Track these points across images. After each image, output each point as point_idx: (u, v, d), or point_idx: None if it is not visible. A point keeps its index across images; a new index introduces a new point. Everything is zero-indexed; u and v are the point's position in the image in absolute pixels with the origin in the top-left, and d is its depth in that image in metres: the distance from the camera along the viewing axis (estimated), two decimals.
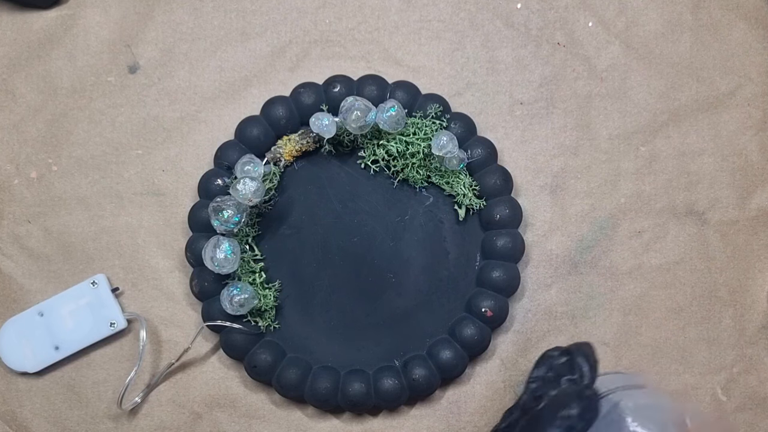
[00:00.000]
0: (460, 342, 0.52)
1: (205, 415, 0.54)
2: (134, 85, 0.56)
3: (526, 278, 0.54)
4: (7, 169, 0.55)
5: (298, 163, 0.54)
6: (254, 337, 0.52)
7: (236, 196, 0.49)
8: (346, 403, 0.51)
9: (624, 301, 0.54)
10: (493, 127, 0.55)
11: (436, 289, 0.53)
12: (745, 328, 0.54)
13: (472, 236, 0.54)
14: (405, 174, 0.53)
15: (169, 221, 0.55)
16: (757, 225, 0.55)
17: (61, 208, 0.55)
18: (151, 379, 0.54)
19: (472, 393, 0.54)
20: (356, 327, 0.53)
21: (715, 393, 0.54)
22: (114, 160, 0.55)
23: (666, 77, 0.56)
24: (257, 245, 0.53)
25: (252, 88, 0.56)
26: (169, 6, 0.56)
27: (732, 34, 0.56)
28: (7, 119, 0.55)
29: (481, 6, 0.56)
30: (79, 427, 0.54)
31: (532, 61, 0.56)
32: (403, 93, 0.53)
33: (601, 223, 0.55)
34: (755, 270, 0.55)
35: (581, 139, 0.55)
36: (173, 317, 0.54)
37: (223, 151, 0.53)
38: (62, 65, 0.56)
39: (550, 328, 0.54)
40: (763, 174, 0.55)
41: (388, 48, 0.56)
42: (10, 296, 0.54)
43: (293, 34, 0.56)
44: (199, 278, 0.52)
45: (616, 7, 0.56)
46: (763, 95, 0.56)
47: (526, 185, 0.55)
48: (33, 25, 0.56)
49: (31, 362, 0.53)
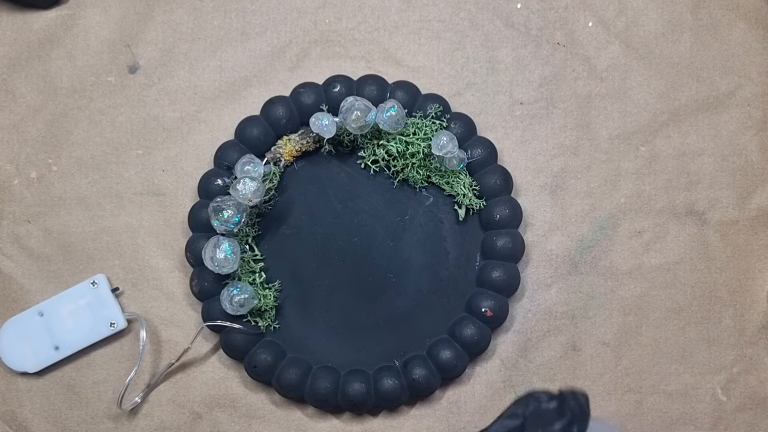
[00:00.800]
0: (460, 342, 0.52)
1: (205, 415, 0.54)
2: (134, 85, 0.56)
3: (526, 278, 0.54)
4: (7, 169, 0.55)
5: (298, 163, 0.54)
6: (254, 337, 0.52)
7: (236, 196, 0.49)
8: (346, 403, 0.51)
9: (624, 301, 0.54)
10: (493, 127, 0.55)
11: (436, 289, 0.53)
12: (745, 328, 0.54)
13: (472, 236, 0.54)
14: (405, 174, 0.53)
15: (169, 221, 0.55)
16: (757, 225, 0.55)
17: (61, 208, 0.55)
18: (151, 379, 0.54)
19: (472, 393, 0.54)
20: (356, 327, 0.53)
21: (715, 393, 0.54)
22: (114, 160, 0.55)
23: (666, 77, 0.56)
24: (257, 245, 0.53)
25: (252, 88, 0.56)
26: (169, 6, 0.56)
27: (732, 34, 0.56)
28: (7, 119, 0.55)
29: (481, 6, 0.56)
30: (79, 427, 0.54)
31: (532, 61, 0.56)
32: (403, 93, 0.53)
33: (601, 223, 0.55)
34: (755, 270, 0.55)
35: (581, 139, 0.55)
36: (173, 317, 0.54)
37: (223, 151, 0.53)
38: (62, 65, 0.56)
39: (550, 328, 0.54)
40: (763, 174, 0.55)
41: (388, 48, 0.56)
42: (10, 296, 0.54)
43: (293, 34, 0.56)
44: (199, 278, 0.52)
45: (616, 7, 0.56)
46: (763, 95, 0.56)
47: (526, 185, 0.55)
48: (33, 25, 0.56)
49: (31, 362, 0.53)
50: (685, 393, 0.54)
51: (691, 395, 0.54)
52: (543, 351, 0.54)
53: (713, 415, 0.54)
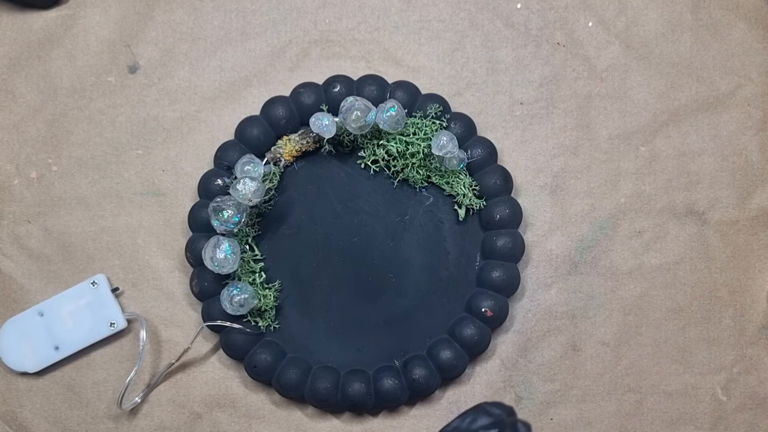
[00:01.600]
0: (460, 342, 0.52)
1: (205, 415, 0.54)
2: (134, 85, 0.56)
3: (526, 278, 0.54)
4: (7, 169, 0.55)
5: (298, 163, 0.54)
6: (254, 337, 0.52)
7: (236, 196, 0.49)
8: (346, 403, 0.51)
9: (624, 301, 0.54)
10: (493, 127, 0.55)
11: (436, 289, 0.53)
12: (745, 328, 0.54)
13: (472, 236, 0.54)
14: (405, 174, 0.53)
15: (169, 221, 0.55)
16: (757, 225, 0.55)
17: (61, 208, 0.55)
18: (151, 379, 0.54)
19: (472, 393, 0.54)
20: (356, 327, 0.53)
21: (715, 393, 0.54)
22: (114, 160, 0.55)
23: (666, 77, 0.56)
24: (257, 245, 0.53)
25: (252, 88, 0.56)
26: (169, 6, 0.56)
27: (732, 34, 0.56)
28: (7, 119, 0.55)
29: (481, 6, 0.56)
30: (79, 427, 0.54)
31: (532, 61, 0.56)
32: (403, 93, 0.53)
33: (601, 223, 0.55)
34: (755, 270, 0.55)
35: (581, 139, 0.55)
36: (173, 317, 0.54)
37: (223, 151, 0.53)
38: (62, 65, 0.56)
39: (550, 328, 0.54)
40: (763, 174, 0.55)
41: (388, 48, 0.56)
42: (10, 296, 0.54)
43: (293, 34, 0.56)
44: (199, 278, 0.52)
45: (616, 7, 0.56)
46: (763, 95, 0.56)
47: (526, 185, 0.55)
48: (33, 25, 0.56)
49: (31, 362, 0.53)
50: (685, 393, 0.54)
51: (691, 395, 0.54)
52: (543, 351, 0.54)
53: (713, 415, 0.54)
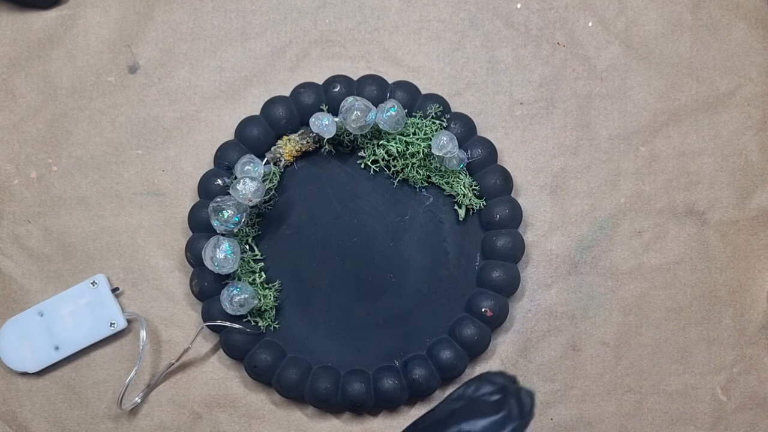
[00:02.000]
0: (460, 342, 0.52)
1: (205, 415, 0.54)
2: (134, 85, 0.56)
3: (526, 278, 0.54)
4: (7, 169, 0.55)
5: (298, 163, 0.54)
6: (254, 337, 0.52)
7: (236, 196, 0.49)
8: (346, 403, 0.51)
9: (624, 301, 0.54)
10: (493, 127, 0.55)
11: (436, 289, 0.53)
12: (745, 328, 0.54)
13: (472, 236, 0.54)
14: (405, 174, 0.53)
15: (169, 221, 0.55)
16: (757, 225, 0.55)
17: (61, 208, 0.55)
18: (151, 379, 0.54)
19: None
20: (356, 327, 0.53)
21: (715, 393, 0.54)
22: (114, 160, 0.55)
23: (666, 77, 0.56)
24: (257, 245, 0.53)
25: (252, 88, 0.56)
26: (169, 6, 0.56)
27: (732, 34, 0.56)
28: (7, 119, 0.55)
29: (481, 6, 0.56)
30: (79, 427, 0.54)
31: (532, 61, 0.56)
32: (403, 93, 0.53)
33: (601, 223, 0.55)
34: (755, 270, 0.55)
35: (581, 139, 0.55)
36: (173, 317, 0.54)
37: (223, 151, 0.53)
38: (62, 65, 0.56)
39: (550, 328, 0.54)
40: (763, 174, 0.55)
41: (388, 48, 0.56)
42: (10, 296, 0.54)
43: (293, 34, 0.56)
44: (199, 278, 0.52)
45: (616, 7, 0.56)
46: (763, 95, 0.56)
47: (526, 185, 0.55)
48: (33, 25, 0.56)
49: (31, 362, 0.53)
50: (685, 393, 0.54)
51: (691, 395, 0.54)
52: (543, 351, 0.54)
53: (713, 415, 0.54)
